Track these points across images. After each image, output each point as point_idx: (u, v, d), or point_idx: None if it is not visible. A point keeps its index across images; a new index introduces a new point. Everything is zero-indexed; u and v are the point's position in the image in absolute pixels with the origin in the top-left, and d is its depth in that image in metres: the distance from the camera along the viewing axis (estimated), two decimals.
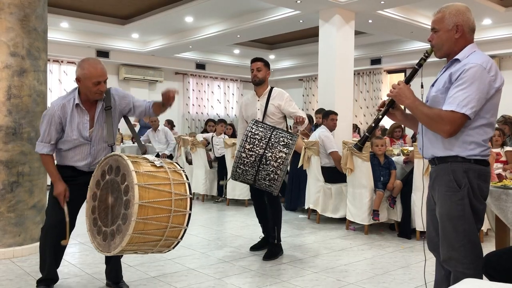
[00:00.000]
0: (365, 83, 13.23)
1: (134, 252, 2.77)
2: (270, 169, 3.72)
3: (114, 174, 2.67)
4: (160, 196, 2.57)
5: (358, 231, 5.32)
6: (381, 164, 5.25)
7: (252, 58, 4.37)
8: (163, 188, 2.60)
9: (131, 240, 2.53)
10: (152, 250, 2.74)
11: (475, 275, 2.15)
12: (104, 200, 2.72)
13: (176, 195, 2.63)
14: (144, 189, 2.51)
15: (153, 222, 2.54)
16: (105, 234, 2.67)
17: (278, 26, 9.02)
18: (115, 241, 2.58)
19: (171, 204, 2.59)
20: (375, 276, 3.71)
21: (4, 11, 4.11)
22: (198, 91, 14.08)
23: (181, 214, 2.65)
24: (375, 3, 7.32)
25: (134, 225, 2.47)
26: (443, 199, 2.24)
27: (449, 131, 2.15)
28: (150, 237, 2.60)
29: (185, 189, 2.69)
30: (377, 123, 2.51)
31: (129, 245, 2.57)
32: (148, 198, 2.52)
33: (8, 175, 4.14)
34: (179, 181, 2.69)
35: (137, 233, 2.51)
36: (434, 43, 2.32)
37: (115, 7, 9.14)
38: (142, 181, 2.53)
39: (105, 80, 3.04)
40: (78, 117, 3.05)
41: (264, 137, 3.79)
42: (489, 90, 2.15)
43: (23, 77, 4.19)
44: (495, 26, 9.44)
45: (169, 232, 2.65)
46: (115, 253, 2.62)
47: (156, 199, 2.55)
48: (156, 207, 2.55)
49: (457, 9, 2.28)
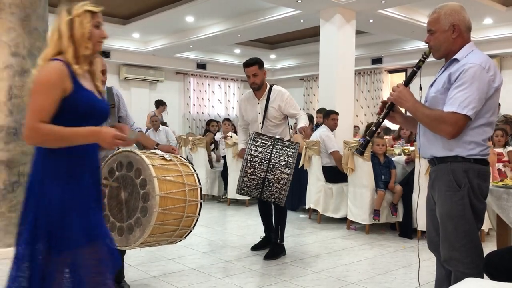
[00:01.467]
0: (366, 82, 13.22)
1: (150, 245, 2.83)
2: (274, 190, 3.79)
3: (126, 169, 2.72)
4: (175, 187, 2.68)
5: (359, 231, 5.32)
6: (381, 163, 5.25)
7: (244, 62, 4.18)
8: (177, 179, 2.71)
9: (152, 232, 2.62)
10: (168, 240, 2.84)
11: (476, 274, 2.15)
12: (115, 197, 2.77)
13: (189, 185, 2.74)
14: (161, 181, 2.61)
15: (172, 212, 2.66)
16: (120, 229, 2.72)
17: (278, 25, 9.01)
18: (135, 234, 2.65)
19: (185, 195, 2.71)
20: (376, 275, 3.71)
21: (5, 11, 4.12)
22: (198, 91, 14.07)
23: (194, 204, 2.78)
24: (375, 2, 7.31)
25: (156, 216, 2.57)
26: (443, 199, 2.24)
27: (451, 133, 2.15)
28: (168, 227, 2.71)
29: (194, 179, 2.82)
30: (378, 127, 2.52)
31: (151, 237, 2.66)
32: (166, 190, 2.62)
33: (9, 175, 4.14)
34: (189, 173, 2.81)
35: (158, 224, 2.61)
36: (432, 44, 2.32)
37: (116, 7, 9.14)
38: (159, 174, 2.62)
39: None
40: None
41: (264, 159, 3.81)
42: (488, 90, 2.15)
43: (24, 77, 4.19)
44: (496, 26, 9.43)
45: (184, 221, 2.76)
46: (136, 246, 2.71)
47: (173, 190, 2.66)
48: (174, 198, 2.66)
49: (452, 8, 2.27)
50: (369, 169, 5.12)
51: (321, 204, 5.73)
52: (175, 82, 13.48)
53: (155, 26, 9.97)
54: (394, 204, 5.15)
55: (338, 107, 7.06)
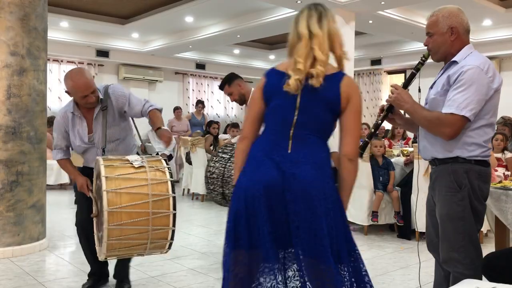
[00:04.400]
0: (365, 83, 13.23)
1: (128, 256, 2.77)
2: None
3: (98, 180, 2.68)
4: (134, 199, 2.49)
5: (357, 232, 5.32)
6: (380, 165, 5.25)
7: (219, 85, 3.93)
8: (138, 190, 2.50)
9: (111, 247, 2.50)
10: (145, 252, 2.69)
11: (475, 275, 2.15)
12: (97, 206, 2.76)
13: (154, 196, 2.52)
14: (115, 194, 2.45)
15: (130, 227, 2.46)
16: (99, 239, 2.72)
17: (278, 26, 9.00)
18: (101, 247, 2.60)
19: (148, 207, 2.49)
20: (375, 276, 3.71)
21: (4, 10, 4.11)
22: (198, 91, 14.06)
23: (164, 215, 2.53)
24: (375, 3, 7.31)
25: (107, 233, 2.44)
26: (444, 200, 2.23)
27: (449, 134, 2.16)
28: (132, 241, 2.53)
29: (167, 188, 2.56)
30: (377, 129, 2.53)
31: (112, 251, 2.54)
32: (120, 203, 2.46)
33: (8, 175, 4.13)
34: (160, 181, 2.57)
35: (114, 240, 2.47)
36: (430, 47, 2.33)
37: (115, 7, 9.13)
38: (113, 186, 2.47)
39: (92, 91, 2.99)
40: (78, 124, 3.11)
41: (219, 174, 3.84)
42: (487, 91, 2.15)
43: (22, 76, 4.19)
44: (495, 27, 9.43)
45: (154, 234, 2.54)
46: (103, 259, 2.65)
47: (129, 203, 2.47)
48: (131, 212, 2.46)
49: (450, 11, 2.27)
50: (368, 170, 5.12)
51: None
52: (174, 82, 13.47)
53: (154, 26, 9.96)
54: (397, 212, 5.13)
55: None
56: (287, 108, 1.89)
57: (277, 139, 1.89)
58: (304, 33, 1.92)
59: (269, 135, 1.93)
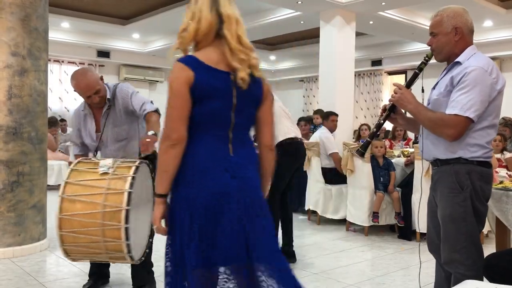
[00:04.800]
0: (366, 84, 13.22)
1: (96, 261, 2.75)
2: None
3: None
4: (87, 208, 2.40)
5: (358, 233, 5.32)
6: (380, 166, 5.25)
7: None
8: (92, 199, 2.40)
9: (69, 251, 2.50)
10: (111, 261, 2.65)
11: (476, 276, 2.15)
12: None
13: (108, 206, 2.37)
14: (70, 201, 2.40)
15: (82, 235, 2.41)
16: None
17: (278, 27, 9.01)
18: None
19: (99, 217, 2.37)
20: (375, 277, 3.71)
21: (5, 10, 4.11)
22: None
23: (115, 228, 2.37)
24: (376, 4, 7.32)
25: (59, 238, 2.43)
26: (445, 201, 2.23)
27: (453, 135, 2.15)
28: (89, 250, 2.48)
29: (121, 200, 2.37)
30: (379, 128, 2.52)
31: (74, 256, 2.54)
32: (72, 211, 2.39)
33: (9, 175, 4.13)
34: (118, 191, 2.41)
35: (69, 245, 2.46)
36: (434, 47, 2.31)
37: (116, 7, 9.14)
38: (70, 192, 2.42)
39: (96, 92, 2.99)
40: (88, 122, 3.16)
41: None
42: (491, 93, 2.15)
43: (23, 77, 4.19)
44: (496, 28, 9.44)
45: (108, 246, 2.43)
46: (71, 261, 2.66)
47: (81, 212, 2.39)
48: (82, 221, 2.39)
49: (455, 11, 2.27)
50: (369, 171, 5.12)
51: (320, 205, 5.72)
52: None
53: (155, 26, 9.97)
54: (398, 213, 5.13)
55: (338, 108, 7.06)
56: (224, 109, 1.76)
57: (218, 143, 1.77)
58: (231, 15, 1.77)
59: (209, 139, 1.77)
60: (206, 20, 1.78)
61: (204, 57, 1.76)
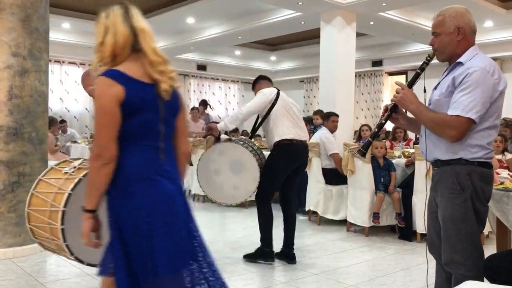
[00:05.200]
0: (366, 84, 13.23)
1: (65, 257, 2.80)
2: None
3: None
4: (42, 205, 2.54)
5: (358, 233, 5.31)
6: (381, 166, 5.24)
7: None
8: (46, 197, 2.53)
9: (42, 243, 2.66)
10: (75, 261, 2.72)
11: (477, 277, 2.14)
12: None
13: (52, 206, 2.49)
14: (36, 197, 2.57)
15: (38, 230, 2.57)
16: None
17: (279, 27, 9.02)
18: None
19: (47, 215, 2.50)
20: (376, 278, 3.70)
21: (6, 11, 4.12)
22: (199, 92, 14.08)
23: (54, 227, 2.48)
24: (376, 5, 7.32)
25: (30, 230, 2.60)
26: (446, 202, 2.23)
27: (455, 136, 2.15)
28: (52, 246, 2.61)
29: (60, 200, 2.46)
30: (380, 128, 2.51)
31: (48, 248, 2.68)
32: (34, 206, 2.57)
33: (9, 175, 4.14)
34: (62, 191, 2.49)
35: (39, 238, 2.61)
36: (436, 47, 2.31)
37: None
38: (38, 189, 2.57)
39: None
40: None
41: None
42: (493, 94, 2.14)
43: (24, 77, 4.19)
44: (496, 29, 9.44)
45: (53, 244, 2.56)
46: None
47: (38, 208, 2.55)
48: (37, 216, 2.55)
49: (457, 11, 2.26)
50: (369, 171, 5.12)
51: (320, 206, 5.72)
52: None
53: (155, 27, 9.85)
54: (398, 213, 5.13)
55: (338, 109, 7.06)
56: (154, 121, 1.81)
57: (150, 153, 1.81)
58: (145, 29, 1.83)
59: (142, 150, 1.79)
60: (122, 33, 1.79)
61: (129, 71, 1.77)
